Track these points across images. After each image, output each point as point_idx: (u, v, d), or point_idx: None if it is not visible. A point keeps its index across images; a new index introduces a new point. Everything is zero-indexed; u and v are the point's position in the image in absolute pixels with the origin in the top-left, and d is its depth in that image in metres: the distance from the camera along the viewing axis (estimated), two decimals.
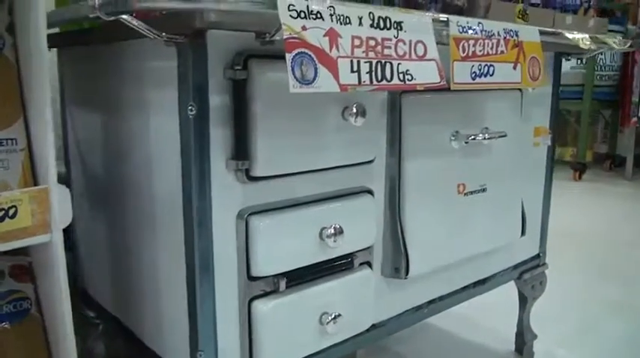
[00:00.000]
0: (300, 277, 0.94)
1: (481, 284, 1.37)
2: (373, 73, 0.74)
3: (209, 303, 0.87)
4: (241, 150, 0.84)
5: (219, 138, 0.84)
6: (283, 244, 0.90)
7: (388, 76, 0.76)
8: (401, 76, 0.78)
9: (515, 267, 1.47)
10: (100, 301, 1.22)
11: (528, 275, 1.51)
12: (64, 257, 0.83)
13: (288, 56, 0.65)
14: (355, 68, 0.71)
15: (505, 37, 0.94)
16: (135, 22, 0.72)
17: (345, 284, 1.01)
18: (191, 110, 0.80)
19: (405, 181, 1.08)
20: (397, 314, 1.17)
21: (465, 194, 1.19)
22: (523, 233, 1.38)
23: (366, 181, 1.04)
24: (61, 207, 0.82)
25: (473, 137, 1.15)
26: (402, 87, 0.79)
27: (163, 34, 0.75)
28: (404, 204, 1.08)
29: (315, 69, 0.67)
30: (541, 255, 1.55)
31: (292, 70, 0.65)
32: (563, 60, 1.49)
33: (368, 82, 0.73)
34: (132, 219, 1.04)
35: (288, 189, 0.92)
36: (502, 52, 0.94)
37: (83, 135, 1.21)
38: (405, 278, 1.11)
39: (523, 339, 1.58)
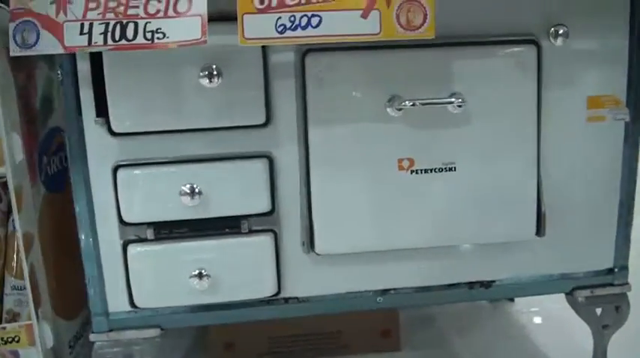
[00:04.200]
0: (171, 230, 1.00)
1: (483, 288, 1.12)
2: (109, 34, 0.76)
3: (90, 241, 1.02)
4: (100, 109, 0.96)
5: (89, 98, 0.97)
6: (148, 197, 0.98)
7: (130, 35, 0.76)
8: (148, 34, 0.77)
9: (559, 277, 1.14)
10: None
11: (587, 294, 1.14)
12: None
13: (11, 25, 0.76)
14: (86, 30, 0.75)
15: None
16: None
17: (230, 247, 1.01)
18: (59, 75, 0.96)
19: (313, 149, 0.99)
20: (333, 294, 1.09)
21: (411, 171, 1.01)
22: (539, 232, 1.06)
23: (264, 145, 1.01)
24: None
25: (412, 103, 0.97)
26: (149, 46, 0.77)
27: None
28: (312, 175, 1.00)
29: (38, 34, 0.76)
30: (616, 270, 1.15)
31: (13, 36, 0.75)
32: None
33: (101, 43, 0.76)
34: None
35: (163, 146, 0.99)
36: None
37: None
38: (317, 255, 1.03)
39: None
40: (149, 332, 1.05)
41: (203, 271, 0.99)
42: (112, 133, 0.96)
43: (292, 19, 0.78)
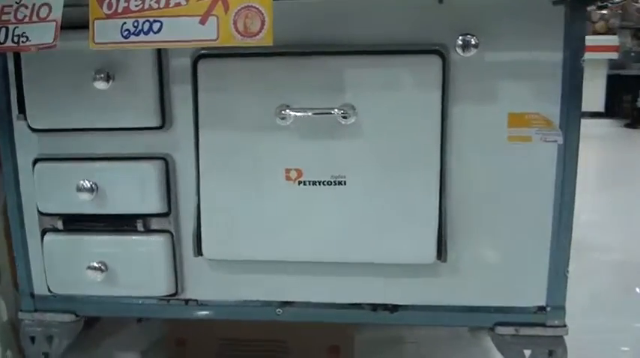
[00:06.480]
0: (77, 222, 1.07)
1: (388, 311, 1.05)
2: None
3: (17, 227, 1.12)
4: (20, 106, 1.05)
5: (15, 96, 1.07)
6: (54, 190, 1.06)
7: (2, 39, 0.83)
8: (16, 38, 0.83)
9: (478, 310, 1.03)
10: None
11: (511, 331, 1.02)
12: None
13: None
14: None
15: None
16: None
17: (127, 244, 1.06)
18: None
19: (203, 154, 1.00)
20: (232, 300, 1.08)
21: (299, 182, 0.98)
22: (440, 257, 0.97)
23: (162, 148, 1.04)
24: None
25: (294, 112, 0.94)
26: (15, 49, 0.84)
27: None
28: (201, 179, 1.01)
29: None
30: (548, 309, 1.01)
31: None
32: None
33: None
34: None
35: (72, 143, 1.06)
36: (178, 4, 0.78)
37: None
38: (209, 259, 1.04)
39: None
40: (64, 316, 1.13)
41: (101, 264, 1.05)
42: (31, 129, 1.05)
43: (136, 24, 0.81)
